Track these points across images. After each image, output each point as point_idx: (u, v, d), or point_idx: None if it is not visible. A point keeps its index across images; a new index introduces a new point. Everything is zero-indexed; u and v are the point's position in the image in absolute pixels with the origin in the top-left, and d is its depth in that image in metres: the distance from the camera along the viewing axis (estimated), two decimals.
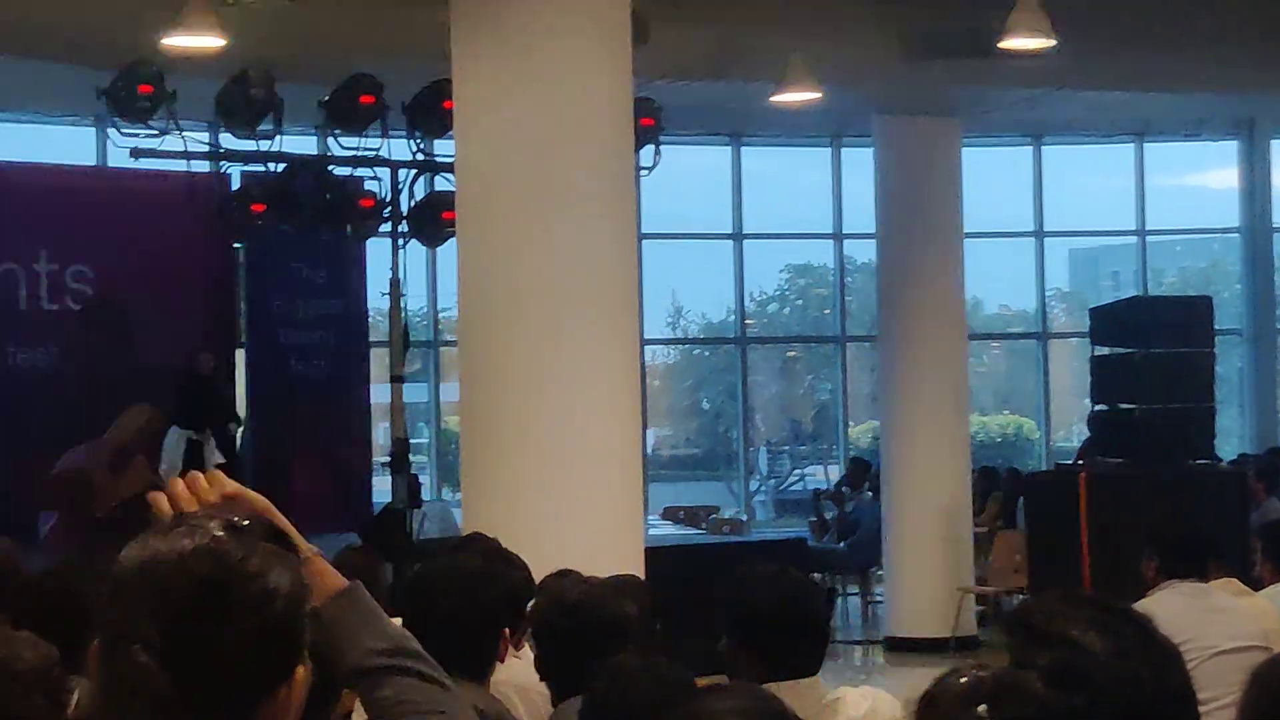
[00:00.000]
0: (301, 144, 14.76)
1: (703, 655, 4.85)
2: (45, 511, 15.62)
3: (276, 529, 2.32)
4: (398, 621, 2.92)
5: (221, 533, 2.19)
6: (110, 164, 16.58)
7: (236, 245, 16.81)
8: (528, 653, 5.92)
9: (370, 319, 18.29)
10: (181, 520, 2.26)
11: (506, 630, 4.74)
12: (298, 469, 17.42)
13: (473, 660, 4.56)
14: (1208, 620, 6.35)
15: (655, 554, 9.49)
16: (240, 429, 16.97)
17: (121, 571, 2.19)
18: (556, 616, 4.97)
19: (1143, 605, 6.40)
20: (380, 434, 18.89)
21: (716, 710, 2.86)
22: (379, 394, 18.17)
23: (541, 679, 5.10)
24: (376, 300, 18.09)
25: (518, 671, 5.59)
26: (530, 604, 5.36)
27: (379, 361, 18.37)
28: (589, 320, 9.00)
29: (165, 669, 2.11)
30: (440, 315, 19.56)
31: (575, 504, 8.84)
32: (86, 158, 17.11)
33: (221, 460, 15.76)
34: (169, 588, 2.15)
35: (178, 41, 12.19)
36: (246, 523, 2.24)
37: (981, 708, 2.16)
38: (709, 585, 15.22)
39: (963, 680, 2.35)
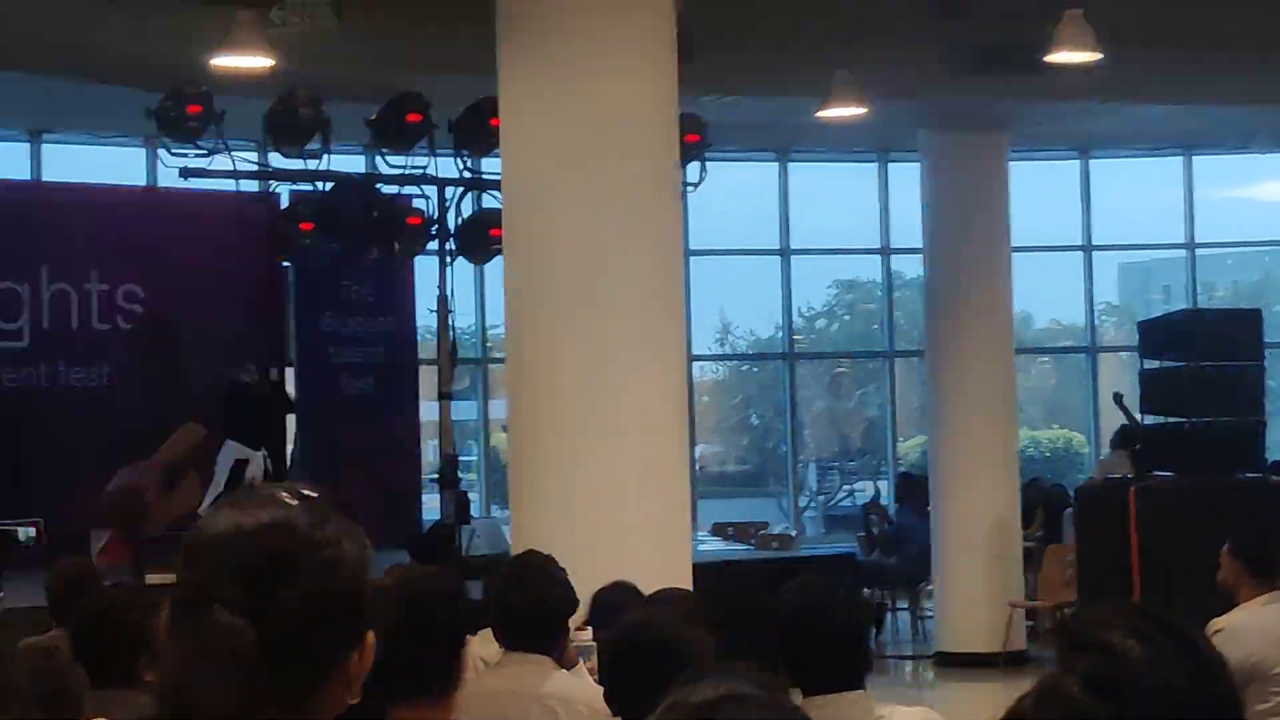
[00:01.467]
0: (349, 163, 14.85)
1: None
2: (97, 530, 15.71)
3: (344, 502, 2.43)
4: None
5: (294, 503, 2.30)
6: (160, 184, 16.69)
7: (285, 264, 16.89)
8: (579, 667, 5.96)
9: (419, 336, 18.35)
10: (255, 491, 2.37)
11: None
12: (347, 486, 17.47)
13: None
14: None
15: (703, 569, 9.49)
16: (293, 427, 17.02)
17: (200, 537, 2.30)
18: (622, 647, 4.89)
19: (1239, 617, 6.34)
20: (429, 451, 18.95)
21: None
22: (428, 411, 18.23)
23: (612, 710, 5.04)
24: (425, 318, 18.19)
25: (565, 684, 5.61)
26: (575, 623, 5.35)
27: (428, 379, 18.43)
28: (635, 336, 9.02)
29: (249, 626, 2.22)
30: (489, 332, 19.61)
31: (623, 520, 8.85)
32: (136, 178, 17.23)
33: (260, 478, 15.85)
34: (246, 553, 2.26)
35: (226, 62, 12.29)
36: (316, 495, 2.34)
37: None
38: (757, 601, 15.15)
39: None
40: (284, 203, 14.44)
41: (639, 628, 4.93)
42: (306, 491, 2.34)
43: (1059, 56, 13.57)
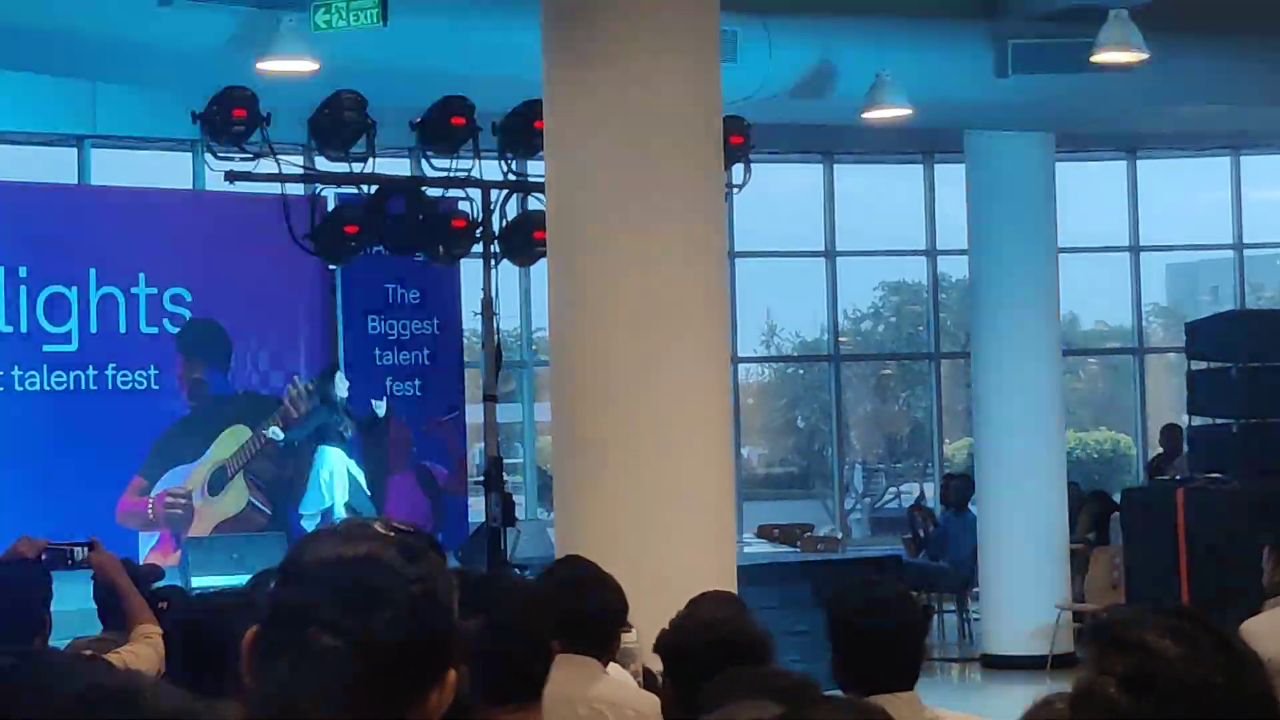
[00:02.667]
0: (393, 166, 14.86)
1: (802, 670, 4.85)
2: (146, 532, 15.83)
3: (435, 539, 2.50)
4: None
5: (390, 535, 2.38)
6: (206, 187, 16.76)
7: (333, 267, 16.95)
8: (621, 671, 5.96)
9: (465, 339, 18.39)
10: (356, 522, 2.45)
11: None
12: (395, 488, 17.54)
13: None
14: None
15: (748, 572, 9.49)
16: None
17: (301, 560, 2.39)
18: (687, 643, 4.91)
19: (1258, 619, 6.29)
20: (475, 454, 18.98)
21: None
22: (474, 414, 18.26)
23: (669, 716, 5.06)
24: (470, 320, 18.21)
25: (614, 688, 5.62)
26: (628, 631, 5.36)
27: (473, 381, 18.46)
28: (680, 339, 9.02)
29: (346, 650, 2.28)
30: (534, 335, 19.64)
31: (667, 523, 8.85)
32: (182, 182, 17.30)
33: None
34: (342, 582, 2.33)
35: (271, 65, 12.34)
36: (410, 530, 2.42)
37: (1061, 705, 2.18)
38: (803, 602, 15.17)
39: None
40: (330, 206, 14.49)
41: (696, 626, 4.96)
42: (402, 527, 2.41)
43: (1106, 56, 13.53)
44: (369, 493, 16.95)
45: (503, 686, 3.94)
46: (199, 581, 13.89)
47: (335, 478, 16.77)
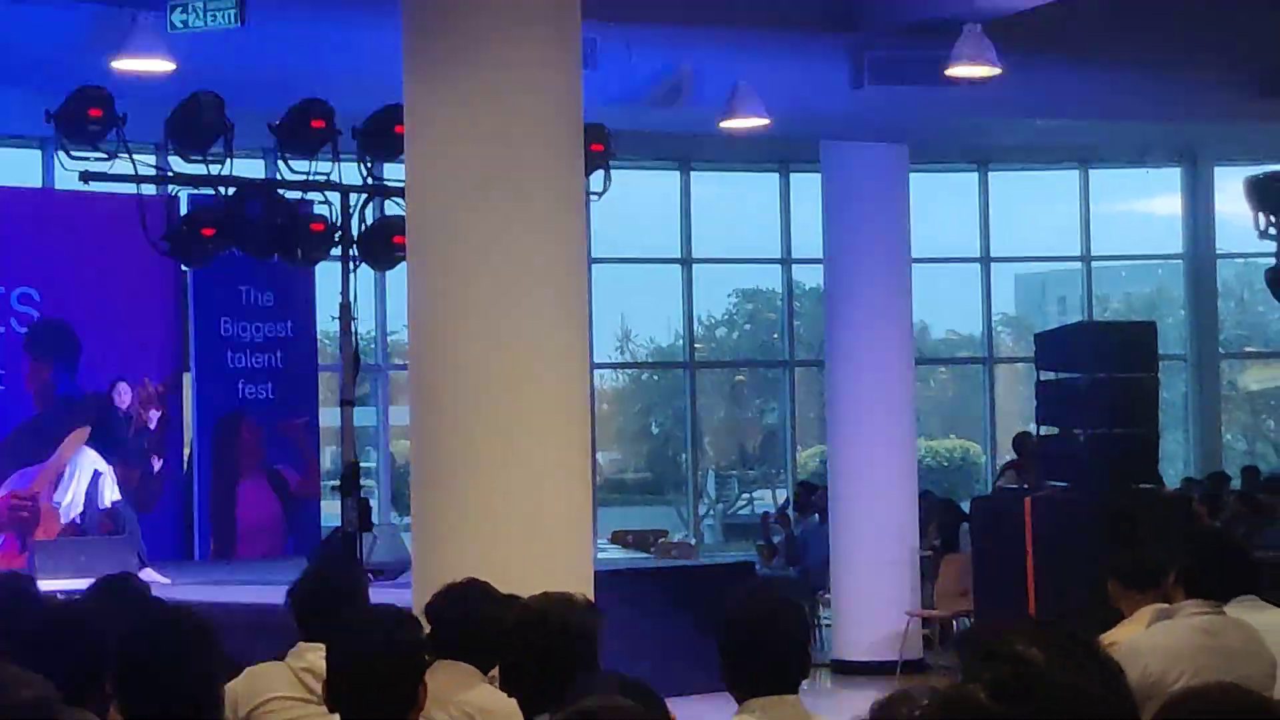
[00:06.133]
0: (248, 168, 14.75)
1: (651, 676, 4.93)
2: None
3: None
4: None
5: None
6: (56, 187, 16.55)
7: (184, 269, 16.80)
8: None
9: (319, 342, 18.30)
10: None
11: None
12: (245, 493, 17.41)
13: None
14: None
15: (601, 578, 9.50)
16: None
17: None
18: (526, 631, 5.06)
19: (1132, 636, 6.34)
20: (328, 458, 18.88)
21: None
22: (326, 417, 18.17)
23: (508, 693, 5.16)
24: (324, 323, 18.11)
25: (487, 696, 5.63)
26: None
27: (326, 385, 18.37)
28: (540, 344, 9.03)
29: None
30: (389, 339, 19.58)
31: (525, 528, 8.86)
32: (31, 180, 17.07)
33: (116, 498, 15.91)
34: None
35: (127, 65, 12.20)
36: None
37: None
38: (658, 608, 15.19)
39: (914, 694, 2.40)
40: (184, 207, 14.37)
41: (535, 611, 5.11)
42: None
43: (960, 70, 13.71)
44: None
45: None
46: (46, 586, 13.70)
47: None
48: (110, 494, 16.04)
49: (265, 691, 5.85)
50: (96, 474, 16.13)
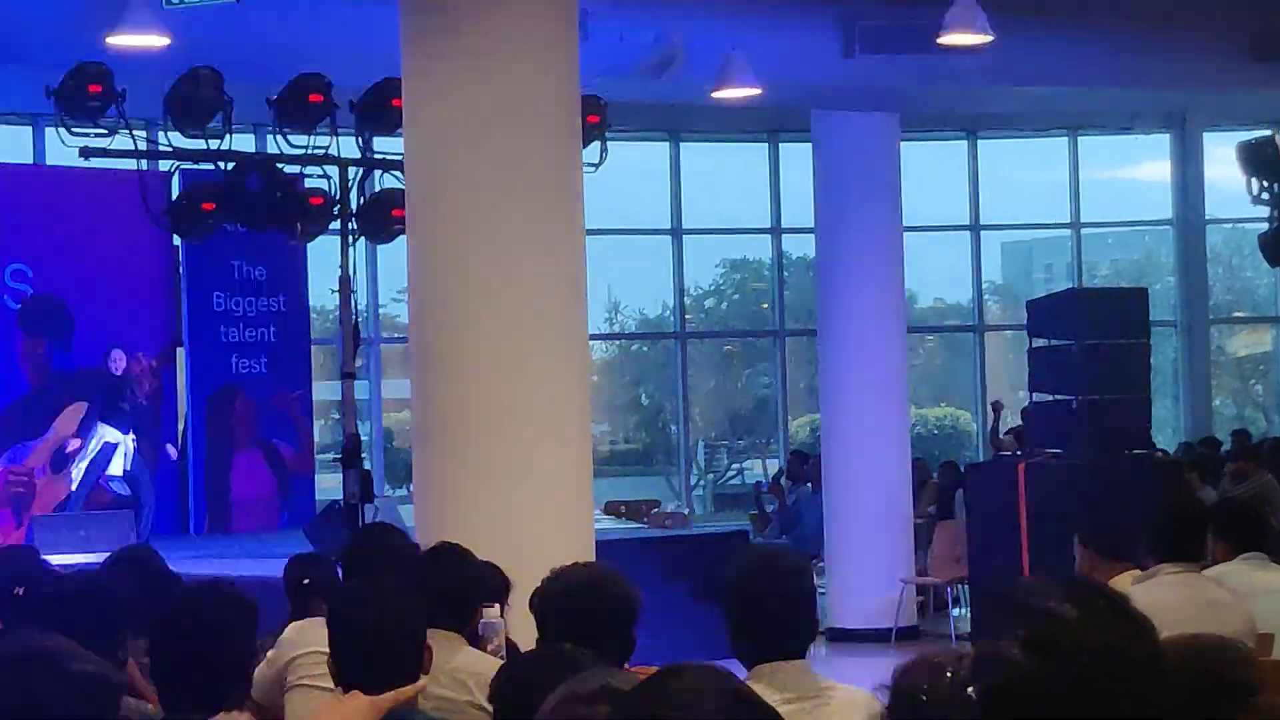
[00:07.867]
0: (245, 142, 14.75)
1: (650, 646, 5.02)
2: None
3: None
4: None
5: None
6: (49, 163, 16.56)
7: (177, 243, 16.82)
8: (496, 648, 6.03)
9: (311, 315, 18.32)
10: None
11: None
12: (240, 466, 17.46)
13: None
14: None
15: (601, 547, 9.56)
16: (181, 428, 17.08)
17: None
18: (564, 600, 5.04)
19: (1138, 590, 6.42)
20: (319, 431, 18.92)
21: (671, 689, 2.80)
22: (320, 391, 18.22)
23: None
24: (316, 297, 18.15)
25: (476, 660, 5.70)
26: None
27: (318, 358, 18.41)
28: (538, 315, 9.08)
29: None
30: (381, 312, 19.59)
31: (526, 499, 8.91)
32: (23, 156, 17.06)
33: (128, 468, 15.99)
34: None
35: (122, 40, 12.20)
36: None
37: (970, 689, 2.27)
38: (652, 578, 15.14)
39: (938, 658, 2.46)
40: (182, 182, 14.38)
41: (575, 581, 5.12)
42: None
43: (951, 38, 13.74)
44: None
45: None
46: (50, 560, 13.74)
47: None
48: (118, 465, 16.10)
49: (311, 644, 5.93)
50: (108, 446, 16.18)
